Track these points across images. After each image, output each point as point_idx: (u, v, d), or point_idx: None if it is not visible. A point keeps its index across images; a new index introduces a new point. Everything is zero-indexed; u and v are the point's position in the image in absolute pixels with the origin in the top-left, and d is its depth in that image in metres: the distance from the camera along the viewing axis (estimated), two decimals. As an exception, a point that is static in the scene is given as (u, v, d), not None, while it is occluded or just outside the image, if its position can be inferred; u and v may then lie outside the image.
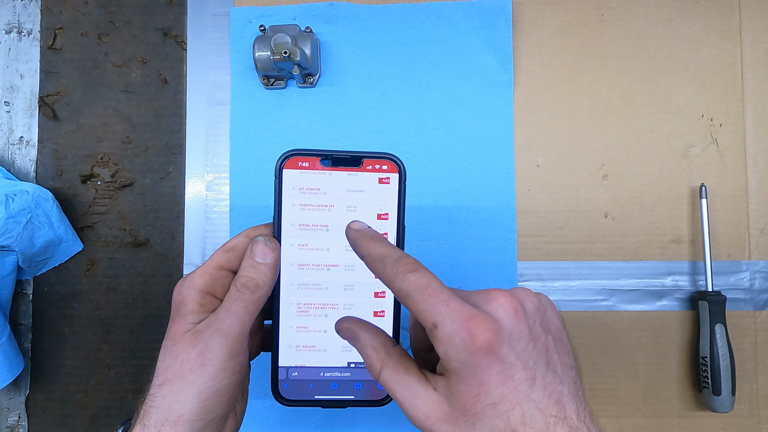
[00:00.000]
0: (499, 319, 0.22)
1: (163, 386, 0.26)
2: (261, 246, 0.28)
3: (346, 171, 0.29)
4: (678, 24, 0.51)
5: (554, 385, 0.22)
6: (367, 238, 0.26)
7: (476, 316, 0.22)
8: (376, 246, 0.26)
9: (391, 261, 0.24)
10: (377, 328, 0.26)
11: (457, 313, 0.22)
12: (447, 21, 0.51)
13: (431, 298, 0.23)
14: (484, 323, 0.22)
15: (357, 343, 0.26)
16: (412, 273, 0.23)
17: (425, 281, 0.23)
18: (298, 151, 0.29)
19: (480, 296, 0.23)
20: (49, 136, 0.53)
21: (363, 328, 0.26)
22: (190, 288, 0.28)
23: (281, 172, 0.29)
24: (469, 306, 0.22)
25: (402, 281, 0.23)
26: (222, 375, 0.26)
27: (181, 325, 0.27)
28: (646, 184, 0.50)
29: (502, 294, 0.23)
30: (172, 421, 0.25)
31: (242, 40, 0.52)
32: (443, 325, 0.22)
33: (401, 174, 0.29)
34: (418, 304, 0.23)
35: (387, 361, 0.25)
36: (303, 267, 0.29)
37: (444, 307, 0.22)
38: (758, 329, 0.49)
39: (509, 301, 0.23)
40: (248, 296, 0.27)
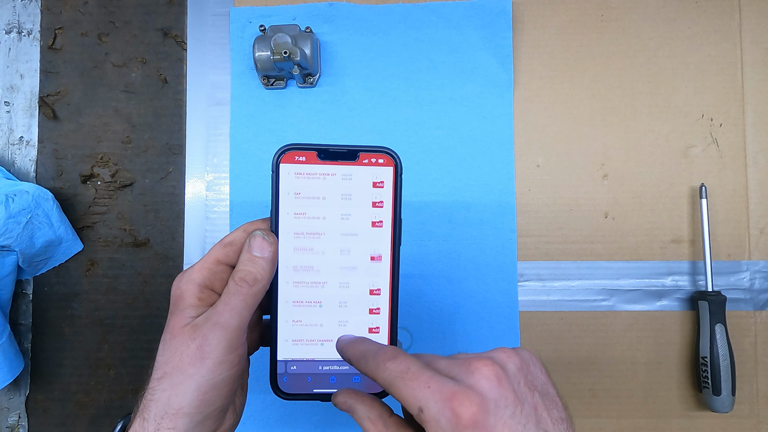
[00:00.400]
0: (482, 391, 0.22)
1: (162, 380, 0.26)
2: (259, 240, 0.28)
3: (342, 165, 0.29)
4: (678, 24, 0.51)
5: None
6: (351, 343, 0.28)
7: (457, 393, 0.22)
8: (358, 347, 0.27)
9: (371, 355, 0.25)
10: (373, 399, 0.27)
11: (439, 393, 0.22)
12: (447, 21, 0.51)
13: (412, 382, 0.23)
14: (466, 399, 0.22)
15: (354, 415, 0.27)
16: (391, 361, 0.24)
17: (404, 366, 0.24)
18: (295, 146, 0.29)
19: (461, 368, 0.24)
20: (49, 136, 0.53)
21: (358, 401, 0.27)
22: (189, 282, 0.28)
23: (278, 166, 0.29)
24: (451, 383, 0.23)
25: (383, 371, 0.24)
26: (221, 368, 0.26)
27: (180, 319, 0.27)
28: (646, 184, 0.50)
29: (482, 363, 0.23)
30: (172, 414, 0.26)
31: (242, 40, 0.52)
32: (428, 408, 0.22)
33: (397, 167, 0.29)
34: (401, 390, 0.23)
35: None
36: (298, 268, 0.30)
37: (426, 389, 0.22)
38: (758, 329, 0.49)
39: (490, 370, 0.23)
40: (246, 290, 0.27)
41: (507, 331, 0.49)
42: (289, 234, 0.29)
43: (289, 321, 0.30)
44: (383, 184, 0.29)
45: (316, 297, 0.30)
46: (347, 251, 0.30)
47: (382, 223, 0.30)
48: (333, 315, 0.30)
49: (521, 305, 0.50)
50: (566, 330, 0.50)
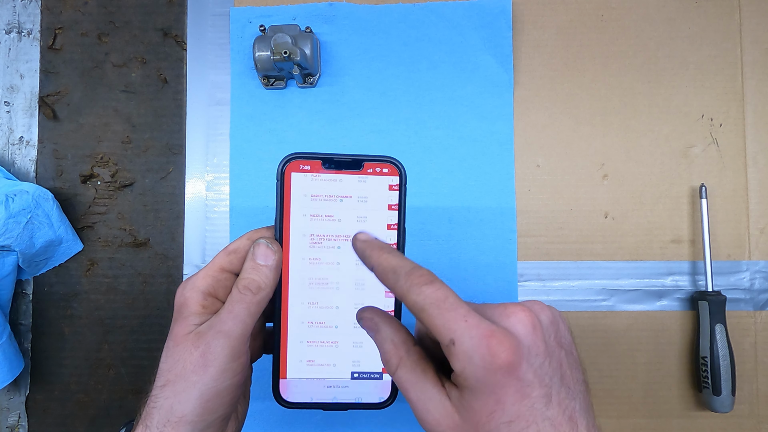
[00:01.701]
0: (518, 335, 0.22)
1: (165, 387, 0.26)
2: (263, 248, 0.28)
3: (347, 174, 0.29)
4: (678, 24, 0.51)
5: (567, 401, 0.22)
6: (377, 249, 0.26)
7: (496, 332, 0.21)
8: (386, 257, 0.25)
9: (404, 272, 0.24)
10: (399, 324, 0.26)
11: (476, 329, 0.21)
12: (447, 21, 0.51)
13: (449, 313, 0.22)
14: (506, 340, 0.21)
15: (377, 335, 0.25)
16: (428, 285, 0.23)
17: (442, 294, 0.22)
18: (300, 155, 0.29)
19: (497, 310, 0.23)
20: (49, 136, 0.53)
21: (385, 321, 0.26)
22: (193, 290, 0.28)
23: (283, 175, 0.29)
24: (488, 322, 0.22)
25: (417, 294, 0.23)
26: (224, 376, 0.26)
27: (184, 326, 0.27)
28: (646, 184, 0.50)
29: (520, 308, 0.23)
30: (174, 422, 0.26)
31: (242, 40, 0.52)
32: (461, 341, 0.21)
33: (402, 177, 0.29)
34: (435, 318, 0.22)
35: (405, 359, 0.24)
36: (313, 261, 0.30)
37: (462, 322, 0.22)
38: (758, 329, 0.49)
39: (528, 317, 0.23)
40: (250, 298, 0.27)
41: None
42: (295, 243, 0.29)
43: (304, 342, 0.30)
44: (392, 195, 0.30)
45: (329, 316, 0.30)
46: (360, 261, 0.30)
47: (395, 228, 0.30)
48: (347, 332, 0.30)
49: (521, 305, 0.50)
50: (566, 330, 0.50)
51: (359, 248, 0.27)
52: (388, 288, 0.25)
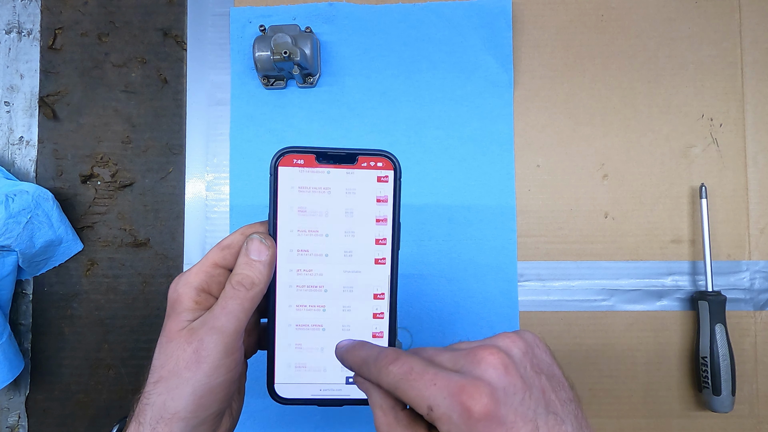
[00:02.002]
0: (490, 381, 0.22)
1: (158, 384, 0.26)
2: (256, 243, 0.28)
3: (341, 168, 0.29)
4: (678, 24, 0.51)
5: (557, 427, 0.22)
6: (349, 350, 0.27)
7: (466, 386, 0.22)
8: (358, 353, 0.26)
9: (372, 360, 0.25)
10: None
11: (447, 389, 0.22)
12: (447, 21, 0.51)
13: (417, 382, 0.22)
14: (476, 392, 0.21)
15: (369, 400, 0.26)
16: (393, 364, 0.24)
17: (407, 367, 0.23)
18: (293, 149, 0.29)
19: (466, 359, 0.23)
20: (49, 136, 0.53)
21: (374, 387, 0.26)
22: (186, 286, 0.28)
23: (276, 169, 0.29)
24: (457, 376, 0.22)
25: (386, 375, 0.24)
26: (217, 372, 0.26)
27: (177, 322, 0.27)
28: (646, 184, 0.50)
29: (488, 352, 0.23)
30: (167, 419, 0.25)
31: (242, 40, 0.52)
32: (437, 405, 0.22)
33: (396, 171, 0.29)
34: (407, 392, 0.23)
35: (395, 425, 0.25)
36: (300, 262, 0.29)
37: (432, 387, 0.22)
38: (758, 329, 0.49)
39: (497, 358, 0.23)
40: (244, 294, 0.27)
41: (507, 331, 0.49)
42: (287, 238, 0.29)
43: (290, 345, 0.30)
44: (385, 188, 0.29)
45: (318, 316, 0.30)
46: (350, 254, 0.30)
47: (384, 222, 0.29)
48: (336, 328, 0.30)
49: (521, 305, 0.50)
50: (566, 330, 0.50)
51: (338, 356, 0.28)
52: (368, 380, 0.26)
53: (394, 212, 0.29)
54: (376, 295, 0.30)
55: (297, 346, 0.30)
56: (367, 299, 0.30)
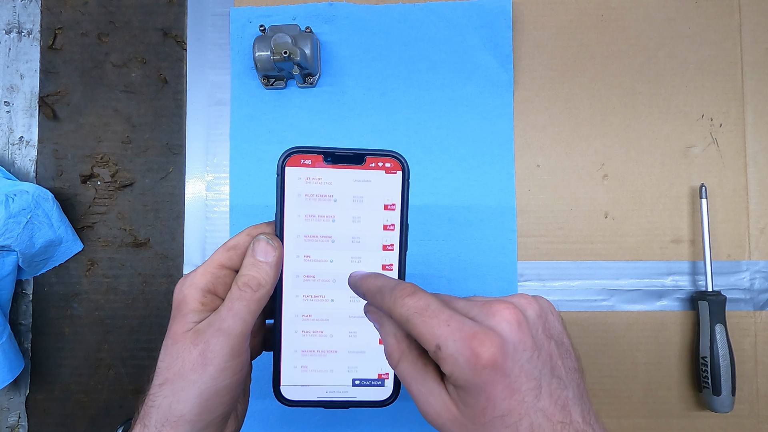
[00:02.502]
0: (502, 333, 0.22)
1: (163, 386, 0.26)
2: (263, 244, 0.28)
3: (349, 168, 0.29)
4: (678, 24, 0.51)
5: (559, 391, 0.22)
6: (364, 278, 0.27)
7: (478, 333, 0.22)
8: (372, 281, 0.26)
9: (388, 290, 0.25)
10: None
11: (459, 332, 0.22)
12: (447, 21, 0.51)
13: (431, 320, 0.23)
14: (487, 340, 0.22)
15: (382, 329, 0.26)
16: (410, 297, 0.24)
17: (423, 303, 0.23)
18: (301, 149, 0.28)
19: (482, 309, 0.23)
20: (49, 136, 0.53)
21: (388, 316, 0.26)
22: (192, 287, 0.28)
23: (283, 169, 0.28)
24: (471, 323, 0.22)
25: (401, 306, 0.24)
26: (223, 375, 0.26)
27: (182, 324, 0.27)
28: (646, 184, 0.50)
29: (504, 306, 0.23)
30: (173, 422, 0.25)
31: (242, 40, 0.52)
32: (446, 345, 0.22)
33: (404, 171, 0.29)
34: (419, 327, 0.23)
35: (407, 353, 0.25)
36: (307, 261, 0.29)
37: (445, 327, 0.22)
38: (758, 329, 0.49)
39: (512, 313, 0.23)
40: (250, 295, 0.27)
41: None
42: (294, 239, 0.29)
43: (298, 351, 0.30)
44: (392, 191, 0.29)
45: (324, 313, 0.30)
46: (357, 259, 0.29)
47: (393, 227, 0.29)
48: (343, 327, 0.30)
49: (521, 305, 0.50)
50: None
51: (352, 284, 0.28)
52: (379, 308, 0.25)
53: (402, 213, 0.29)
54: None
55: (303, 351, 0.30)
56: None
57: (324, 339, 0.30)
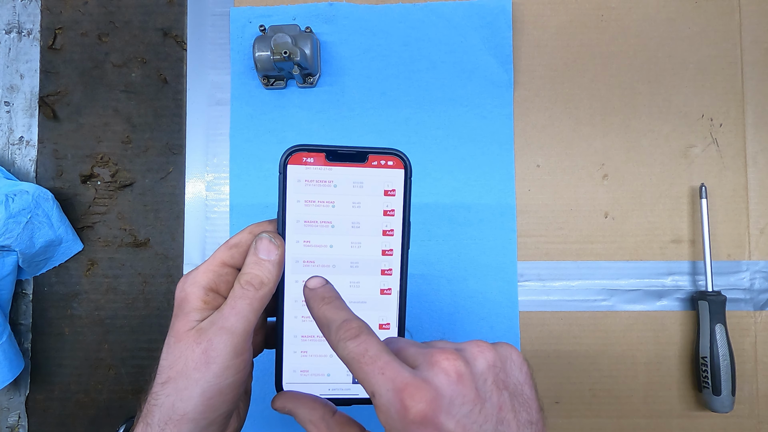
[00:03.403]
0: (438, 386, 0.21)
1: (166, 384, 0.26)
2: (265, 243, 0.28)
3: (351, 167, 0.29)
4: (678, 24, 0.51)
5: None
6: (318, 300, 0.26)
7: (410, 385, 0.21)
8: (324, 310, 0.26)
9: (335, 327, 0.24)
10: (313, 401, 0.26)
11: (392, 382, 0.21)
12: (447, 21, 0.51)
13: (367, 367, 0.22)
14: (417, 393, 0.21)
15: (297, 419, 0.26)
16: (352, 340, 0.23)
17: (362, 348, 0.23)
18: (303, 147, 0.28)
19: (424, 358, 0.23)
20: (49, 136, 0.53)
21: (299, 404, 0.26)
22: (194, 285, 0.27)
23: (286, 167, 0.28)
24: (406, 373, 0.22)
25: (342, 349, 0.23)
26: (226, 373, 0.26)
27: (185, 322, 0.27)
28: (646, 184, 0.50)
29: (444, 356, 0.22)
30: (176, 420, 0.25)
31: (242, 40, 0.52)
32: (379, 395, 0.22)
33: (407, 170, 0.29)
34: (357, 372, 0.23)
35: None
36: (308, 264, 0.29)
37: (380, 375, 0.22)
38: (758, 329, 0.49)
39: (451, 364, 0.22)
40: (253, 294, 0.27)
41: (507, 331, 0.49)
42: (296, 237, 0.29)
43: (295, 352, 0.30)
44: (395, 187, 0.29)
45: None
46: (357, 256, 0.29)
47: (393, 232, 0.29)
48: None
49: (521, 305, 0.50)
50: (566, 330, 0.50)
51: (305, 296, 0.27)
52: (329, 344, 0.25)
53: (405, 211, 0.29)
54: (383, 291, 0.30)
55: (302, 352, 0.30)
56: (374, 295, 0.30)
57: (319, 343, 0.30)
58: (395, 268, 0.30)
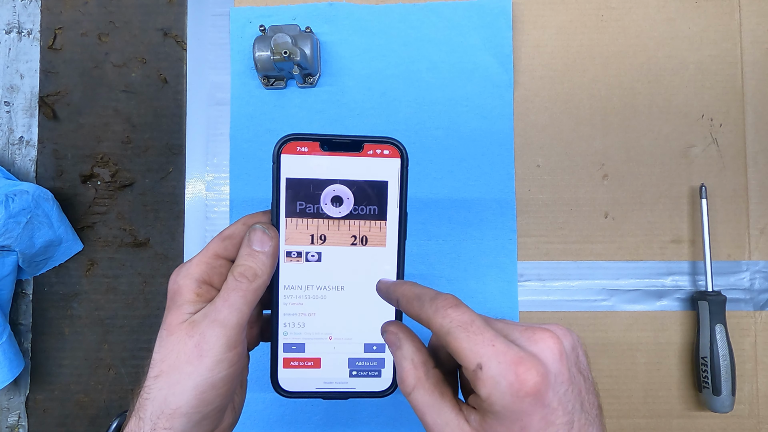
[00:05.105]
0: (546, 362, 0.22)
1: (158, 378, 0.26)
2: (259, 234, 0.27)
3: (346, 156, 0.28)
4: (678, 24, 0.51)
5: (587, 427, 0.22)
6: (399, 284, 0.27)
7: (525, 359, 0.21)
8: (409, 288, 0.26)
9: (429, 298, 0.24)
10: (422, 344, 0.25)
11: (504, 355, 0.21)
12: (447, 21, 0.51)
13: (476, 336, 0.22)
14: (533, 368, 0.21)
15: (398, 351, 0.25)
16: (454, 309, 0.23)
17: (468, 318, 0.22)
18: (297, 136, 0.28)
19: (524, 334, 0.23)
20: (49, 136, 0.53)
21: (408, 339, 0.25)
22: (186, 277, 0.27)
23: (279, 157, 0.28)
24: (516, 347, 0.22)
25: (443, 317, 0.23)
26: (219, 367, 0.25)
27: (177, 315, 0.26)
28: (646, 184, 0.50)
29: (548, 335, 0.23)
30: (168, 414, 0.25)
31: (242, 40, 0.52)
32: (489, 367, 0.21)
33: (403, 159, 0.28)
34: (461, 341, 0.22)
35: (423, 380, 0.24)
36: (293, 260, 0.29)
37: (490, 347, 0.22)
38: (758, 329, 0.49)
39: (556, 343, 0.22)
40: (246, 286, 0.26)
41: (507, 331, 0.49)
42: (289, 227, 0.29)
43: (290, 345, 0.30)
44: (391, 177, 0.29)
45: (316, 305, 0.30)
46: (353, 245, 0.29)
47: (388, 215, 0.29)
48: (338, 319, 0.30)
49: (521, 305, 0.50)
50: (566, 330, 0.50)
51: (382, 288, 0.27)
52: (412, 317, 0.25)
53: (401, 201, 0.29)
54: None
55: (295, 347, 0.30)
56: (372, 290, 0.30)
57: (315, 334, 0.30)
58: (392, 259, 0.30)
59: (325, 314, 0.30)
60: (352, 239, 0.29)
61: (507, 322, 0.24)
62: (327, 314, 0.30)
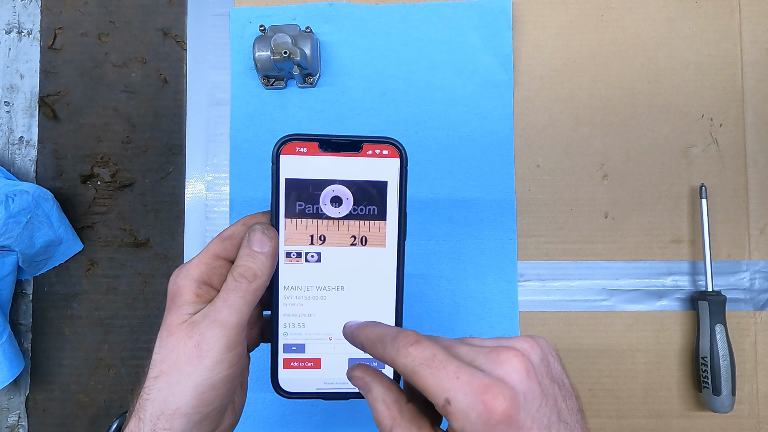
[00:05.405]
0: (513, 384, 0.22)
1: (158, 378, 0.26)
2: (258, 234, 0.27)
3: (345, 156, 0.28)
4: (678, 24, 0.51)
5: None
6: (362, 327, 0.26)
7: (490, 386, 0.21)
8: (371, 329, 0.25)
9: (389, 338, 0.24)
10: (391, 382, 0.25)
11: (469, 385, 0.21)
12: (447, 21, 0.51)
13: (439, 371, 0.22)
14: (500, 393, 0.21)
15: (369, 394, 0.25)
16: (414, 346, 0.23)
17: (429, 353, 0.22)
18: (296, 136, 0.28)
19: (488, 357, 0.23)
20: (49, 136, 0.53)
21: (376, 380, 0.25)
22: (186, 278, 0.27)
23: (278, 157, 0.28)
24: (481, 374, 0.22)
25: (405, 356, 0.23)
26: (219, 367, 0.26)
27: (177, 315, 0.27)
28: (646, 184, 0.50)
29: (512, 354, 0.22)
30: (168, 415, 0.25)
31: (242, 40, 0.52)
32: (456, 399, 0.21)
33: (402, 159, 0.28)
34: (426, 379, 0.22)
35: (399, 419, 0.24)
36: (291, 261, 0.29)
37: (454, 380, 0.21)
38: (758, 329, 0.49)
39: (521, 362, 0.22)
40: (246, 286, 0.26)
41: (507, 331, 0.49)
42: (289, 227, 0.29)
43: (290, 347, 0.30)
44: (390, 177, 0.29)
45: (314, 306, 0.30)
46: (353, 246, 0.29)
47: (387, 215, 0.29)
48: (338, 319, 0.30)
49: (521, 305, 0.50)
50: (566, 330, 0.50)
51: (347, 334, 0.27)
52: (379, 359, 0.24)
53: (400, 201, 0.29)
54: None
55: (295, 348, 0.30)
56: (372, 290, 0.30)
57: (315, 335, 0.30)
58: (392, 259, 0.29)
59: (325, 315, 0.30)
60: (352, 239, 0.29)
61: (473, 343, 0.24)
62: (327, 315, 0.30)
